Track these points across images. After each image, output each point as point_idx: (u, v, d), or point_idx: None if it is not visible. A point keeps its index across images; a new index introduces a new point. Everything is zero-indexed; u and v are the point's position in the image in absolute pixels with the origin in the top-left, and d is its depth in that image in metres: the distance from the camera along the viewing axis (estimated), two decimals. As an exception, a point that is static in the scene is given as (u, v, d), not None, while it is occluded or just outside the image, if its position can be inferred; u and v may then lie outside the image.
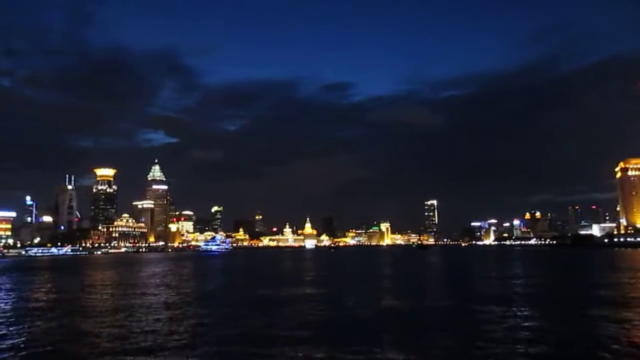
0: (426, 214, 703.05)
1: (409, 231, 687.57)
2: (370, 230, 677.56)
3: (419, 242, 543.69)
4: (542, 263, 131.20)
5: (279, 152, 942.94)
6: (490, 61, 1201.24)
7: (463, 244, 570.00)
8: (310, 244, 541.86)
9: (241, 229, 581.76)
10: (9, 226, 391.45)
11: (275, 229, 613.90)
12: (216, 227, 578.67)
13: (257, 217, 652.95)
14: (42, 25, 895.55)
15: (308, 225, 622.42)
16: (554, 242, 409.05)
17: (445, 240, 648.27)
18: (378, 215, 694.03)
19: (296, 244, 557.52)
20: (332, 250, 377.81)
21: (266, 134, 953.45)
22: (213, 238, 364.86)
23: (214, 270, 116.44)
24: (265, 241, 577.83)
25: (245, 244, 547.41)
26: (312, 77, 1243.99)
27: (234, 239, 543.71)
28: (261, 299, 48.41)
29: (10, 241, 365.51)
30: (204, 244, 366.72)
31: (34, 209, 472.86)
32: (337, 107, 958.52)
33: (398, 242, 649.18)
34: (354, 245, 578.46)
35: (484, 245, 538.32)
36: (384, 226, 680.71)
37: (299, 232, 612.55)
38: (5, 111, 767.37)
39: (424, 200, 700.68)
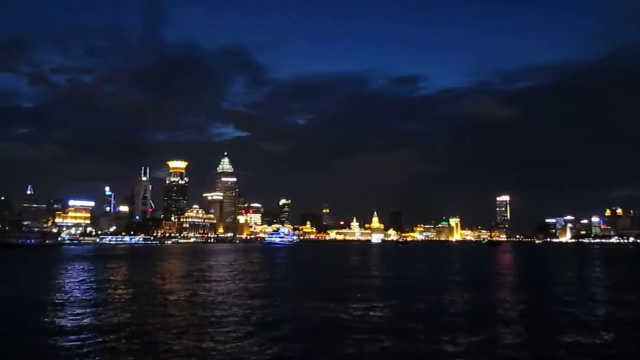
0: (498, 209, 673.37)
1: (479, 227, 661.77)
2: (439, 226, 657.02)
3: (490, 238, 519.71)
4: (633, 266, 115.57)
5: (347, 145, 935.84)
6: (565, 51, 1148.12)
7: (537, 241, 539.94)
8: (376, 238, 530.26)
9: (308, 222, 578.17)
10: (88, 215, 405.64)
11: (342, 223, 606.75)
12: (284, 219, 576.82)
13: (324, 211, 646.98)
14: (121, 25, 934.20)
15: (375, 219, 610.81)
16: (639, 240, 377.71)
17: (517, 236, 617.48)
18: (447, 210, 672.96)
19: (363, 238, 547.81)
20: (400, 245, 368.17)
21: (334, 127, 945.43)
22: (277, 230, 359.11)
23: (280, 262, 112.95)
24: (332, 234, 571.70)
25: (312, 237, 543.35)
26: (381, 70, 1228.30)
27: (300, 232, 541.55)
28: (327, 291, 46.87)
29: (89, 229, 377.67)
30: (267, 236, 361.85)
31: (113, 199, 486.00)
32: (406, 100, 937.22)
33: (468, 238, 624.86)
34: (422, 241, 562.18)
35: (560, 243, 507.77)
36: (454, 221, 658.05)
37: (366, 226, 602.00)
38: (86, 107, 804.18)
39: (495, 196, 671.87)
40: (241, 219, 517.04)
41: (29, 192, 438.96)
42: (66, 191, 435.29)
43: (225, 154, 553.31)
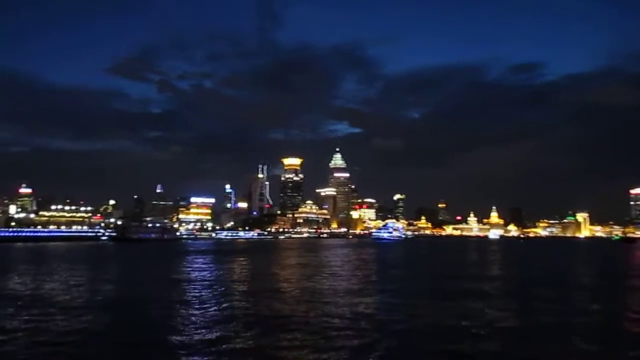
0: (632, 203, 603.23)
1: (611, 222, 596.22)
2: (565, 221, 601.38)
3: (623, 234, 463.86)
4: None
5: (464, 138, 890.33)
6: None
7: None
8: (494, 233, 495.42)
9: (423, 217, 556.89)
10: (209, 211, 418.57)
11: (459, 218, 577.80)
12: (398, 214, 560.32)
13: (439, 206, 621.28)
14: (238, 30, 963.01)
15: (494, 214, 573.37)
16: None
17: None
18: (574, 204, 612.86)
19: (481, 234, 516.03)
20: (521, 241, 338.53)
21: (451, 120, 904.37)
22: (385, 225, 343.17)
23: (392, 257, 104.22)
24: (449, 230, 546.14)
25: (427, 232, 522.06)
26: (499, 59, 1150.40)
27: (415, 227, 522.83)
28: (443, 291, 41.69)
29: (209, 224, 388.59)
30: (375, 231, 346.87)
31: (233, 196, 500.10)
32: (526, 88, 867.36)
33: (598, 234, 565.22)
34: (545, 237, 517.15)
35: None
36: (581, 216, 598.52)
37: (484, 221, 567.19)
38: (208, 110, 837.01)
39: (629, 189, 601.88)
40: (354, 214, 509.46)
41: (158, 190, 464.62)
42: (191, 189, 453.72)
43: (337, 149, 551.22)
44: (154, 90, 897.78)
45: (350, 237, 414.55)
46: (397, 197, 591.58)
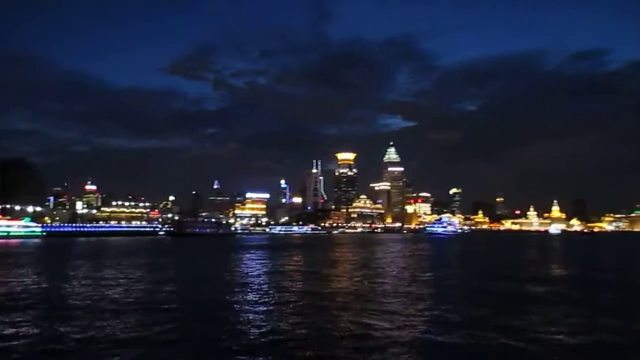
0: None
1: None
2: (633, 215, 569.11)
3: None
4: None
5: (522, 130, 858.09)
6: None
7: None
8: (555, 228, 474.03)
9: (480, 212, 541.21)
10: (264, 206, 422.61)
11: (518, 212, 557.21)
12: (454, 209, 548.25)
13: (497, 200, 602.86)
14: (291, 26, 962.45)
15: (555, 209, 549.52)
16: None
17: None
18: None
19: (542, 228, 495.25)
20: (586, 235, 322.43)
21: (509, 112, 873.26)
22: (439, 220, 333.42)
23: (445, 254, 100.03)
24: (507, 224, 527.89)
25: (484, 227, 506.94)
26: (559, 47, 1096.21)
27: (472, 222, 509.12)
28: (495, 296, 37.40)
29: (264, 219, 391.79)
30: (428, 226, 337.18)
31: (287, 192, 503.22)
32: (587, 78, 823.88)
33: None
34: (611, 231, 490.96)
35: None
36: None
37: (545, 215, 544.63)
38: (262, 106, 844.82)
39: None
40: (409, 208, 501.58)
41: (216, 186, 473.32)
42: (246, 185, 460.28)
43: (391, 143, 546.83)
44: (209, 88, 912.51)
45: (405, 231, 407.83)
46: (453, 191, 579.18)
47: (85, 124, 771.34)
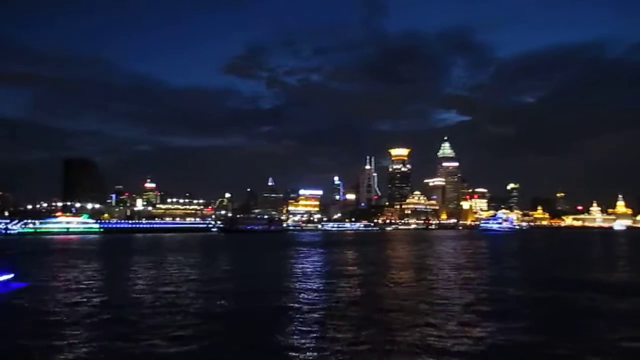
0: None
1: None
2: None
3: None
4: None
5: (584, 123, 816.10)
6: None
7: None
8: (620, 224, 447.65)
9: (539, 208, 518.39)
10: (317, 203, 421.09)
11: (580, 208, 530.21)
12: (512, 205, 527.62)
13: (558, 195, 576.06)
14: (344, 23, 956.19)
15: (621, 204, 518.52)
16: None
17: None
18: None
19: (605, 225, 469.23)
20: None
21: (569, 104, 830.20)
22: (494, 216, 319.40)
23: (499, 253, 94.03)
24: (568, 220, 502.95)
25: (544, 223, 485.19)
26: (621, 35, 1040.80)
27: (531, 218, 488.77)
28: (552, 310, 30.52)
29: (317, 216, 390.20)
30: (482, 222, 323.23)
31: (341, 188, 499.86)
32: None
33: None
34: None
35: None
36: None
37: (609, 210, 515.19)
38: (316, 103, 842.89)
39: None
40: (465, 204, 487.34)
41: (270, 183, 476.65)
42: (300, 182, 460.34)
43: (446, 138, 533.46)
44: (263, 86, 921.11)
45: (460, 228, 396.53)
46: (510, 186, 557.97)
47: (147, 123, 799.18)
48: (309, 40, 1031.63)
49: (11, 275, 17.23)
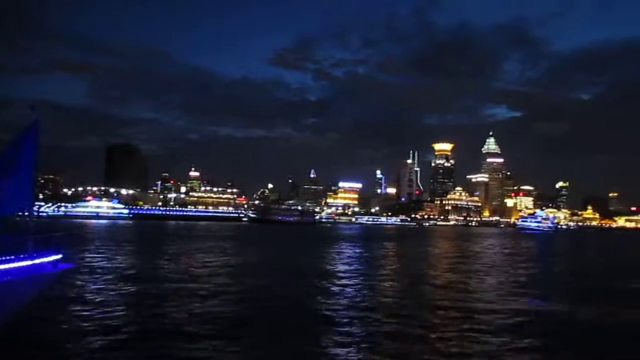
0: None
1: None
2: None
3: None
4: None
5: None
6: None
7: None
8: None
9: (589, 207, 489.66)
10: (356, 196, 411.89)
11: (634, 209, 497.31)
12: (560, 203, 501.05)
13: (611, 195, 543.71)
14: (394, 14, 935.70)
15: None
16: None
17: None
18: None
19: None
20: None
21: (626, 100, 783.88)
22: (534, 214, 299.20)
23: (532, 254, 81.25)
24: (620, 222, 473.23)
25: (593, 223, 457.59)
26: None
27: (580, 218, 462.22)
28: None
29: (355, 209, 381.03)
30: (520, 220, 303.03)
31: (383, 182, 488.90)
32: None
33: None
34: None
35: None
36: None
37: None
38: (363, 96, 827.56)
39: None
40: (509, 202, 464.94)
41: (312, 175, 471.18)
42: (342, 174, 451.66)
43: (491, 133, 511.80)
44: (309, 78, 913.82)
45: (502, 226, 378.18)
46: (559, 184, 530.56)
47: (198, 113, 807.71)
48: (358, 32, 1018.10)
49: (60, 256, 13.71)
